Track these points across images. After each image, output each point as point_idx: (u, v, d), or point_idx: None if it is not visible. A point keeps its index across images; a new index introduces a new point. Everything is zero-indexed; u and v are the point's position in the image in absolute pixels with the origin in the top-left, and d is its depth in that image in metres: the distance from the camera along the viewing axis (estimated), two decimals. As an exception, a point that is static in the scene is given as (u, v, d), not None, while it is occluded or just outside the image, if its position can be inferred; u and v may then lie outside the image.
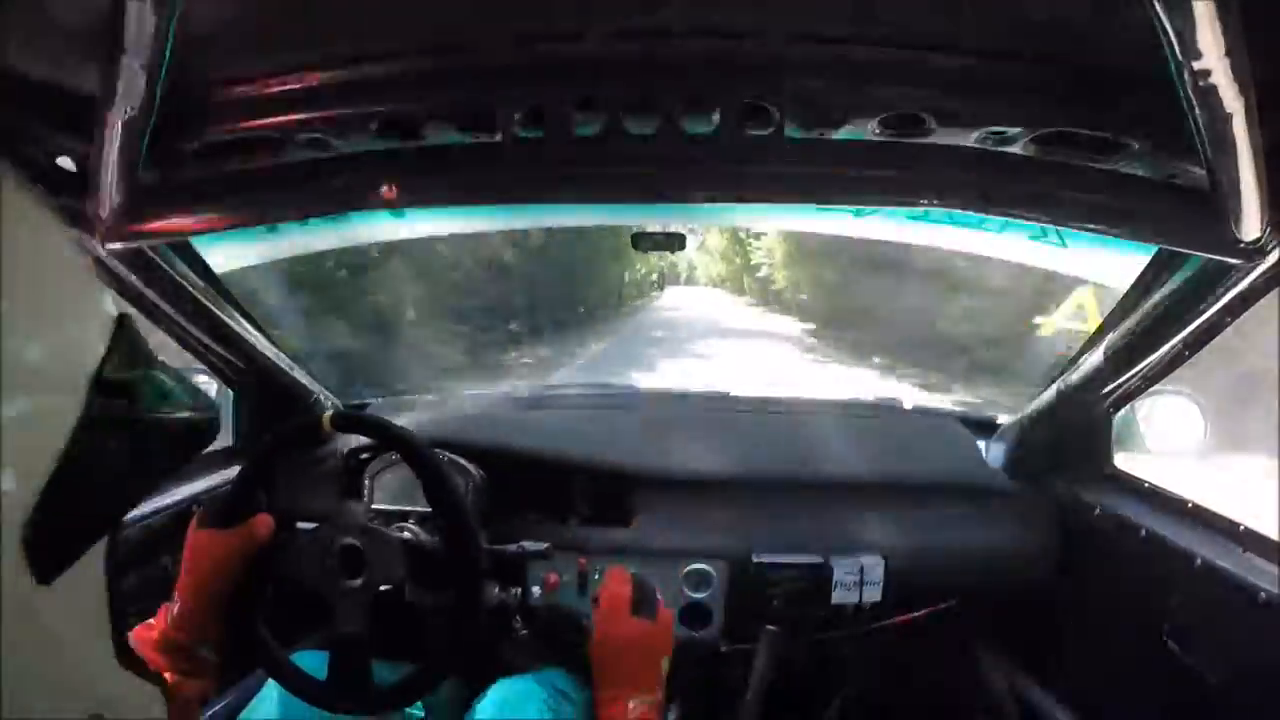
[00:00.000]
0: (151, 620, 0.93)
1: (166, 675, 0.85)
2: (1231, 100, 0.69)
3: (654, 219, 1.48)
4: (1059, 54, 0.84)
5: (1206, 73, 0.67)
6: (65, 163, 0.92)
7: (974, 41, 0.84)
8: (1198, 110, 0.72)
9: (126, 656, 0.49)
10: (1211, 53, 0.64)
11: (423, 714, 1.30)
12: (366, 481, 1.45)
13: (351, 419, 1.02)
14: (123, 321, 0.45)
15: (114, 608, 0.47)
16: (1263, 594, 1.00)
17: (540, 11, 0.83)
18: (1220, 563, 1.09)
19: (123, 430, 0.43)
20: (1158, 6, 0.62)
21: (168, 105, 0.82)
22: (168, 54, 0.73)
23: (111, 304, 0.45)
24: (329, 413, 1.02)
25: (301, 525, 1.09)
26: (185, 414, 0.49)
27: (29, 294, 0.38)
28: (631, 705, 0.82)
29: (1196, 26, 0.62)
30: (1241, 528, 1.15)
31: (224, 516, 0.98)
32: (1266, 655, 1.00)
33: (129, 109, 0.79)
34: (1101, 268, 1.31)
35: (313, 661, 1.17)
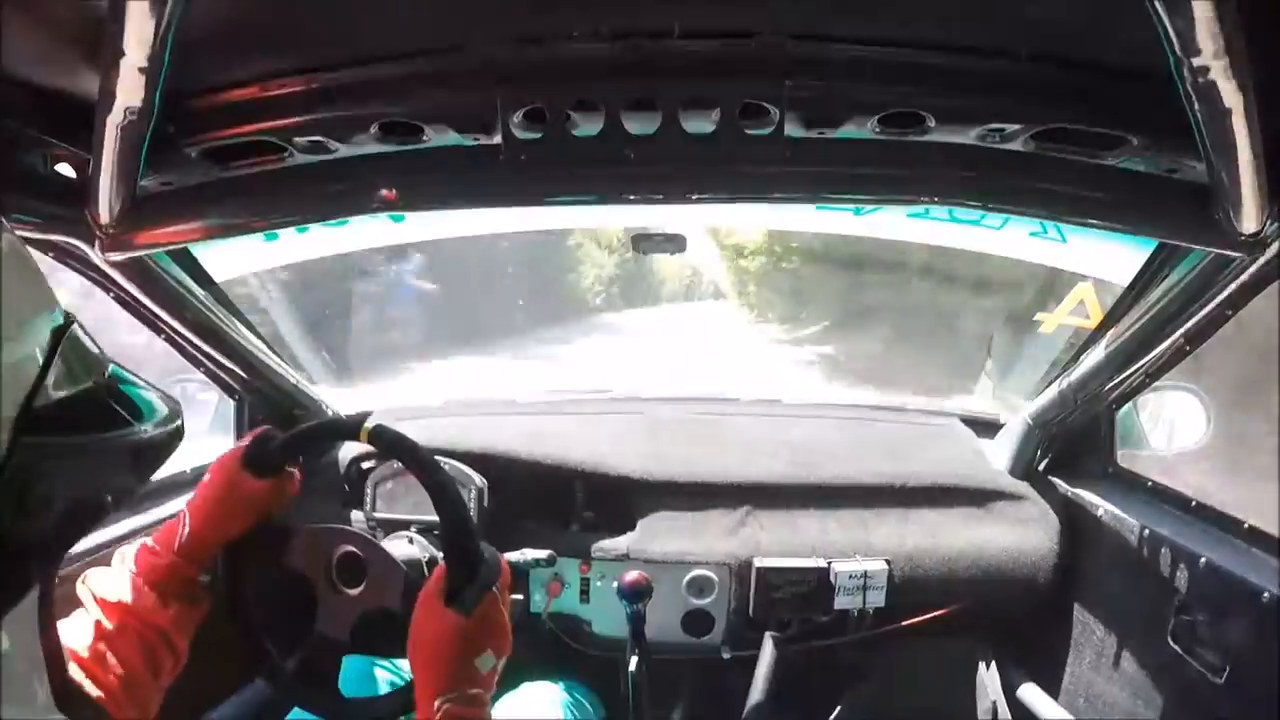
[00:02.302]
0: (151, 542, 0.93)
1: (162, 612, 0.87)
2: (1230, 95, 0.69)
3: (654, 220, 1.48)
4: (1058, 50, 0.84)
5: (1205, 68, 0.67)
6: (64, 169, 0.92)
7: (972, 39, 0.84)
8: (1197, 105, 0.72)
9: (66, 700, 0.45)
10: (1210, 48, 0.64)
11: None
12: (368, 490, 1.45)
13: (387, 438, 1.01)
14: (64, 330, 0.40)
15: (50, 655, 0.43)
16: (1267, 593, 1.00)
17: (538, 12, 0.83)
18: (1225, 562, 1.09)
19: (60, 464, 0.38)
20: (1157, 5, 0.62)
21: (167, 111, 0.82)
22: (167, 59, 0.73)
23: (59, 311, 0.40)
24: (369, 425, 1.01)
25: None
26: (136, 435, 0.44)
27: None
28: (437, 704, 0.77)
29: (1195, 22, 0.62)
30: (1246, 525, 1.14)
31: (258, 464, 0.98)
32: (1272, 654, 0.99)
33: (129, 114, 0.79)
34: (1102, 263, 1.31)
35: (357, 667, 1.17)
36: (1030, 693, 1.51)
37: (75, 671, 0.72)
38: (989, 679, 1.59)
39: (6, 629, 0.37)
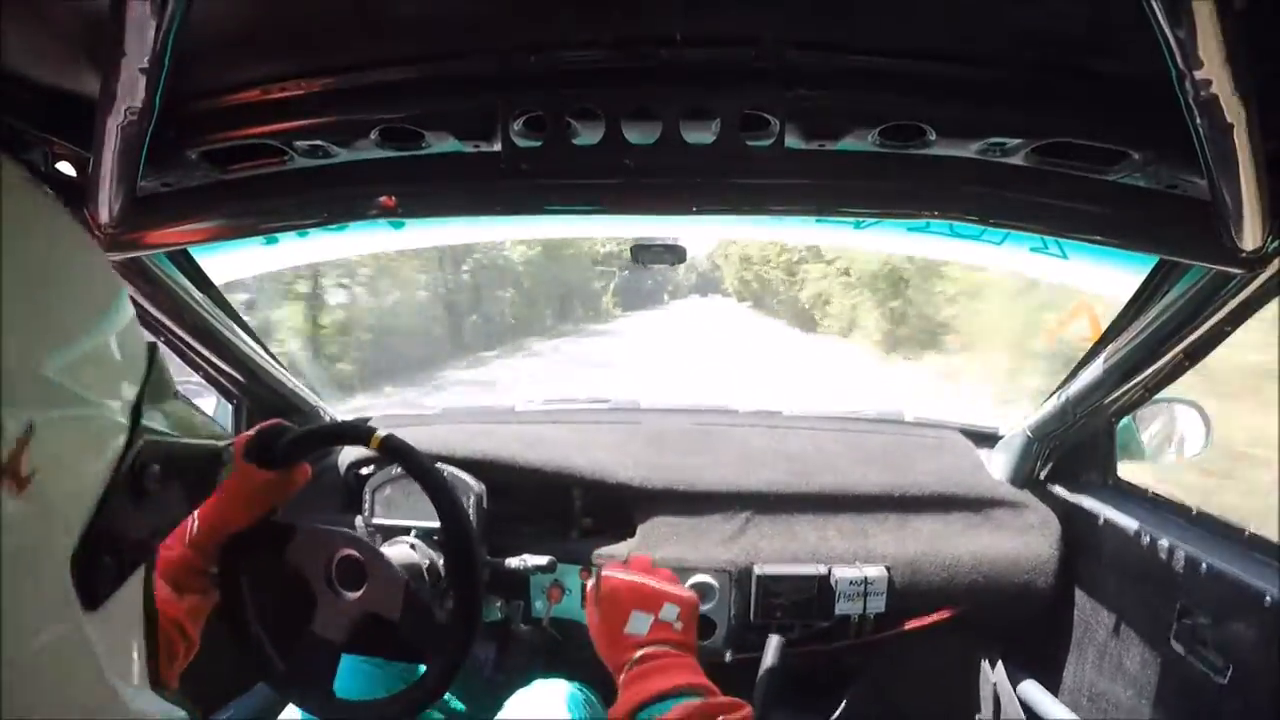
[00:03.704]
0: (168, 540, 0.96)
1: (175, 603, 0.90)
2: (1232, 109, 0.69)
3: (654, 230, 1.48)
4: (1059, 64, 0.84)
5: (1208, 83, 0.66)
6: (65, 168, 0.92)
7: (974, 51, 0.84)
8: (1198, 119, 0.71)
9: (163, 684, 0.48)
10: (1212, 61, 0.64)
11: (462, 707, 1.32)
12: (367, 495, 1.45)
13: (398, 448, 1.01)
14: (154, 352, 0.44)
15: (150, 638, 0.46)
16: (1268, 598, 1.00)
17: (539, 20, 0.83)
18: (1226, 567, 1.09)
19: (160, 456, 0.42)
20: (1158, 16, 0.62)
21: (168, 112, 0.82)
22: (168, 61, 0.73)
23: (131, 317, 0.44)
24: (382, 434, 1.00)
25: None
26: (206, 443, 0.49)
27: (41, 303, 0.36)
28: (620, 680, 0.83)
29: (1197, 35, 0.62)
30: (1246, 533, 1.15)
31: (264, 456, 0.99)
32: (1274, 660, 0.99)
33: (129, 115, 0.79)
34: (1103, 279, 1.31)
35: (358, 668, 1.16)
36: (1032, 692, 1.50)
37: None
38: (990, 681, 1.59)
39: (116, 603, 0.41)
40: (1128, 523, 1.31)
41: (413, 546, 1.22)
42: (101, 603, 0.39)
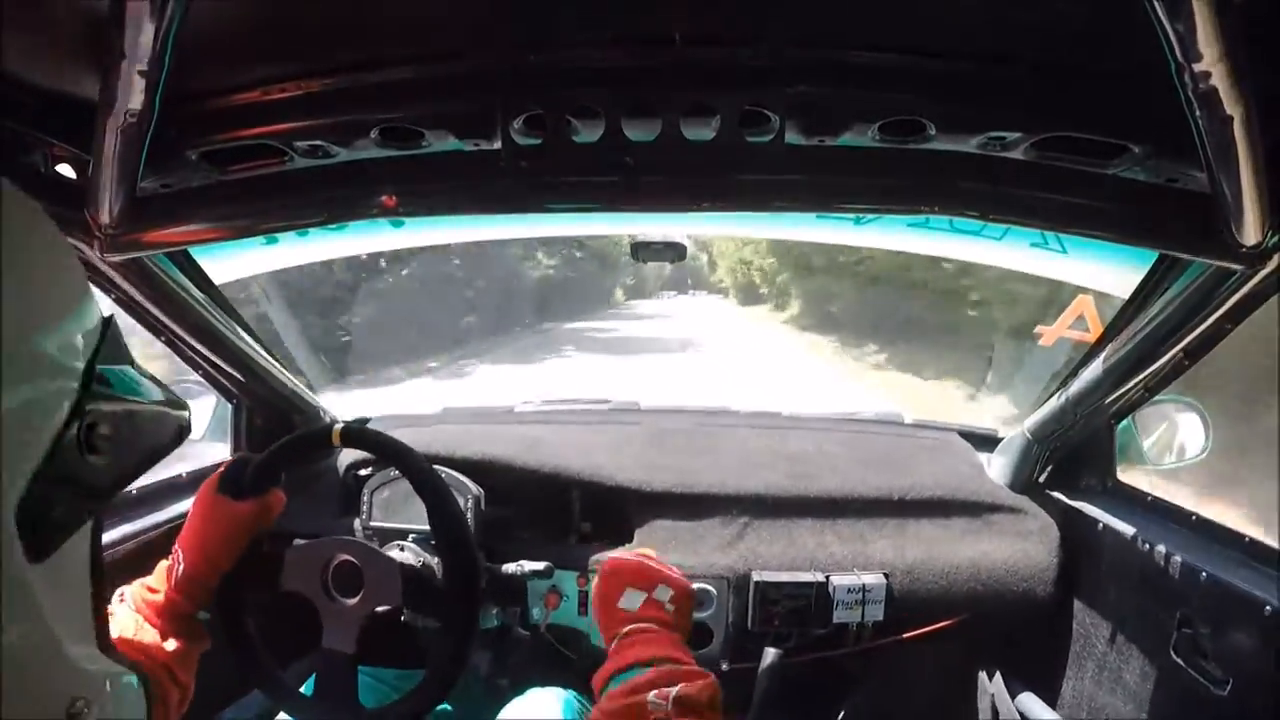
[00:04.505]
0: (148, 580, 0.96)
1: (163, 648, 0.89)
2: (1232, 104, 0.69)
3: (653, 227, 1.48)
4: (1058, 58, 0.84)
5: (1207, 76, 0.66)
6: (65, 170, 0.92)
7: (973, 46, 0.84)
8: (1198, 114, 0.71)
9: (109, 647, 0.50)
10: (1211, 56, 0.64)
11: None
12: (365, 498, 1.44)
13: (359, 434, 1.02)
14: (109, 323, 0.47)
15: (97, 598, 0.48)
16: (1268, 608, 0.99)
17: (538, 18, 0.83)
18: (1226, 576, 1.08)
19: (109, 417, 0.45)
20: (1158, 9, 0.62)
21: (168, 113, 0.82)
22: (168, 62, 0.73)
23: (87, 290, 0.47)
24: (339, 426, 1.02)
25: (298, 541, 1.09)
26: (156, 407, 0.51)
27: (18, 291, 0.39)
28: (611, 648, 0.87)
29: (1197, 29, 0.62)
30: (1247, 539, 1.14)
31: (236, 488, 0.99)
32: (1274, 671, 0.99)
33: (129, 117, 0.79)
34: (1102, 275, 1.31)
35: (367, 678, 1.17)
36: (1030, 704, 1.49)
37: None
38: (989, 691, 1.58)
39: (62, 557, 0.43)
40: (1127, 529, 1.31)
41: (403, 549, 1.21)
42: (48, 555, 0.42)
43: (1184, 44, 0.64)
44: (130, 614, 0.91)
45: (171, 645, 0.89)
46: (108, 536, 1.26)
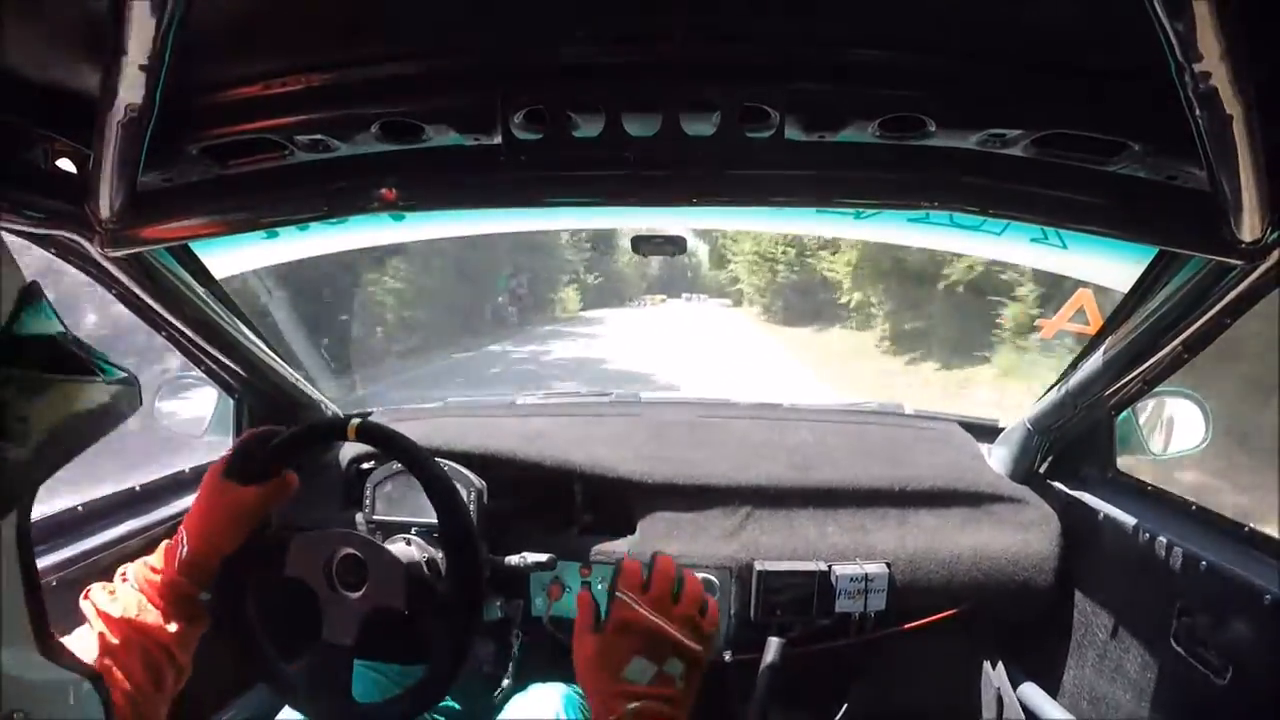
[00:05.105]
0: (150, 560, 0.96)
1: (164, 629, 0.88)
2: (1231, 101, 0.69)
3: (653, 222, 1.48)
4: (1059, 55, 0.84)
5: (1206, 74, 0.67)
6: (65, 165, 0.92)
7: (973, 43, 0.84)
8: (1198, 111, 0.71)
9: (51, 651, 0.47)
10: (1211, 53, 0.64)
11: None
12: (368, 491, 1.45)
13: (376, 432, 1.02)
14: (32, 288, 0.42)
15: (32, 602, 0.45)
16: (1269, 595, 1.00)
17: (539, 13, 0.83)
18: (1226, 565, 1.09)
19: (34, 396, 0.41)
20: (1158, 7, 0.62)
21: (168, 108, 0.82)
22: (168, 56, 0.73)
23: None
24: (356, 422, 1.02)
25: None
26: (98, 384, 0.46)
27: None
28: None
29: (1197, 27, 0.62)
30: (1246, 529, 1.14)
31: (242, 473, 0.99)
32: (1274, 660, 0.99)
33: (130, 111, 0.79)
34: (1102, 270, 1.31)
35: (357, 673, 1.17)
36: (1032, 694, 1.51)
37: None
38: (991, 681, 1.59)
39: None
40: (1127, 519, 1.31)
41: (409, 543, 1.22)
42: None
43: (1184, 44, 0.64)
44: (133, 593, 0.91)
45: (173, 627, 0.90)
46: (110, 534, 1.27)
